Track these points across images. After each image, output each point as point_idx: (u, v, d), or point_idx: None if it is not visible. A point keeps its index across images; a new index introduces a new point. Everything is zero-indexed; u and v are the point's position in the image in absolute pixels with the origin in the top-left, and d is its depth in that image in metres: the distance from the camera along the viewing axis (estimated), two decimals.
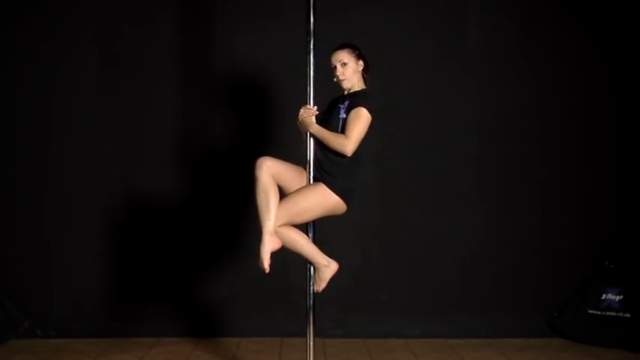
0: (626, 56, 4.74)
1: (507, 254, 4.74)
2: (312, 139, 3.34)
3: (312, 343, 3.39)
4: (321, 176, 3.31)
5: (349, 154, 3.26)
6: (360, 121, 3.26)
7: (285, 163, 3.38)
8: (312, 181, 3.34)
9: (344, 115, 3.31)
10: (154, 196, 4.65)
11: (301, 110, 3.34)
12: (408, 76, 4.71)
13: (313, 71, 3.35)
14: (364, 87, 3.41)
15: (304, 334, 3.41)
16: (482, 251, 4.74)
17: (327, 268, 3.34)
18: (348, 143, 3.24)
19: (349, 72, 3.36)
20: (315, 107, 3.33)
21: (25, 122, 4.65)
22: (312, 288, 3.39)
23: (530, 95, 4.75)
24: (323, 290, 3.38)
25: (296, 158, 3.44)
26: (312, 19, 3.35)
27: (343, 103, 3.35)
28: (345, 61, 3.36)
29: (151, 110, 4.69)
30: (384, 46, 4.69)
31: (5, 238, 4.63)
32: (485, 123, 4.75)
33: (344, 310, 4.68)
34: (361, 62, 3.40)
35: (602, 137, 4.77)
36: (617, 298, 4.53)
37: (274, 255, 4.63)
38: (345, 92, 3.40)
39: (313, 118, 3.30)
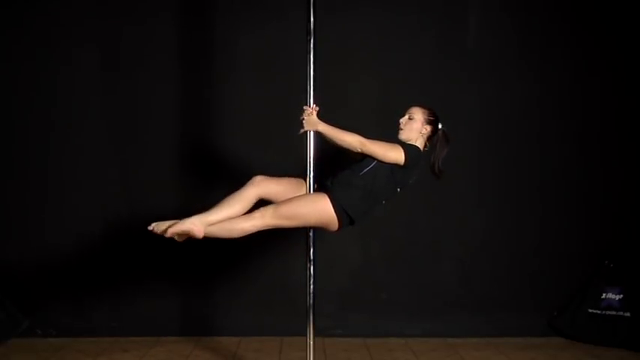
0: (626, 56, 4.75)
1: (507, 254, 4.75)
2: (312, 144, 3.32)
3: (312, 342, 3.39)
4: (330, 185, 3.28)
5: (358, 149, 3.23)
6: (390, 144, 3.26)
7: (281, 180, 3.36)
8: (312, 183, 3.33)
9: None
10: (154, 196, 4.65)
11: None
12: (408, 76, 4.71)
13: (313, 70, 3.35)
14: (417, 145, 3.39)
15: (304, 333, 3.40)
16: (482, 251, 4.75)
17: (192, 225, 3.15)
18: (362, 140, 3.22)
19: (410, 126, 3.37)
20: (314, 105, 3.32)
21: (25, 122, 4.65)
22: (312, 287, 3.37)
23: (530, 95, 4.76)
24: (168, 234, 3.20)
25: (298, 158, 3.44)
26: (312, 18, 3.35)
27: None
28: (415, 117, 3.38)
29: (151, 110, 4.69)
30: (384, 46, 4.71)
31: (5, 238, 4.63)
32: (485, 123, 4.76)
33: (344, 309, 4.68)
34: (428, 127, 3.38)
35: (602, 137, 4.78)
36: (617, 297, 4.54)
37: (275, 255, 4.67)
38: None
39: (315, 115, 3.28)
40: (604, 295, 4.59)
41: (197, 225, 3.17)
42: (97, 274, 4.66)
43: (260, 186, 3.30)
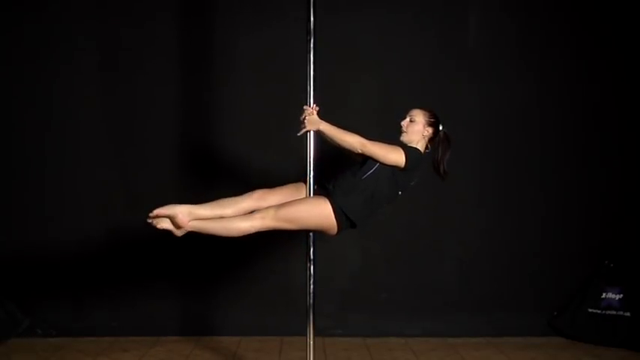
0: (626, 56, 4.75)
1: (507, 254, 4.75)
2: (312, 144, 3.30)
3: (312, 342, 3.38)
4: (332, 189, 3.28)
5: (358, 150, 3.22)
6: (391, 146, 3.25)
7: (280, 192, 3.35)
8: (312, 185, 3.32)
9: None
10: (154, 196, 4.62)
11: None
12: (408, 76, 4.71)
13: (313, 70, 3.35)
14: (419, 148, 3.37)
15: (304, 333, 3.40)
16: (482, 251, 4.75)
17: (180, 212, 3.18)
18: (363, 141, 3.21)
19: (412, 128, 3.36)
20: (314, 105, 3.31)
21: (25, 123, 4.65)
22: (312, 287, 3.37)
23: (530, 95, 4.76)
24: (154, 213, 3.22)
25: (298, 158, 3.44)
26: (312, 18, 3.34)
27: None
28: (415, 119, 3.37)
29: (151, 111, 4.69)
30: (384, 46, 4.71)
31: (5, 238, 4.63)
32: (485, 123, 4.76)
33: (344, 308, 4.68)
34: (429, 129, 3.37)
35: (602, 137, 4.78)
36: (617, 297, 4.54)
37: (275, 255, 4.67)
38: None
39: (316, 115, 3.27)
40: (604, 294, 4.59)
41: (184, 214, 3.19)
42: (97, 274, 4.66)
43: (257, 200, 3.29)
